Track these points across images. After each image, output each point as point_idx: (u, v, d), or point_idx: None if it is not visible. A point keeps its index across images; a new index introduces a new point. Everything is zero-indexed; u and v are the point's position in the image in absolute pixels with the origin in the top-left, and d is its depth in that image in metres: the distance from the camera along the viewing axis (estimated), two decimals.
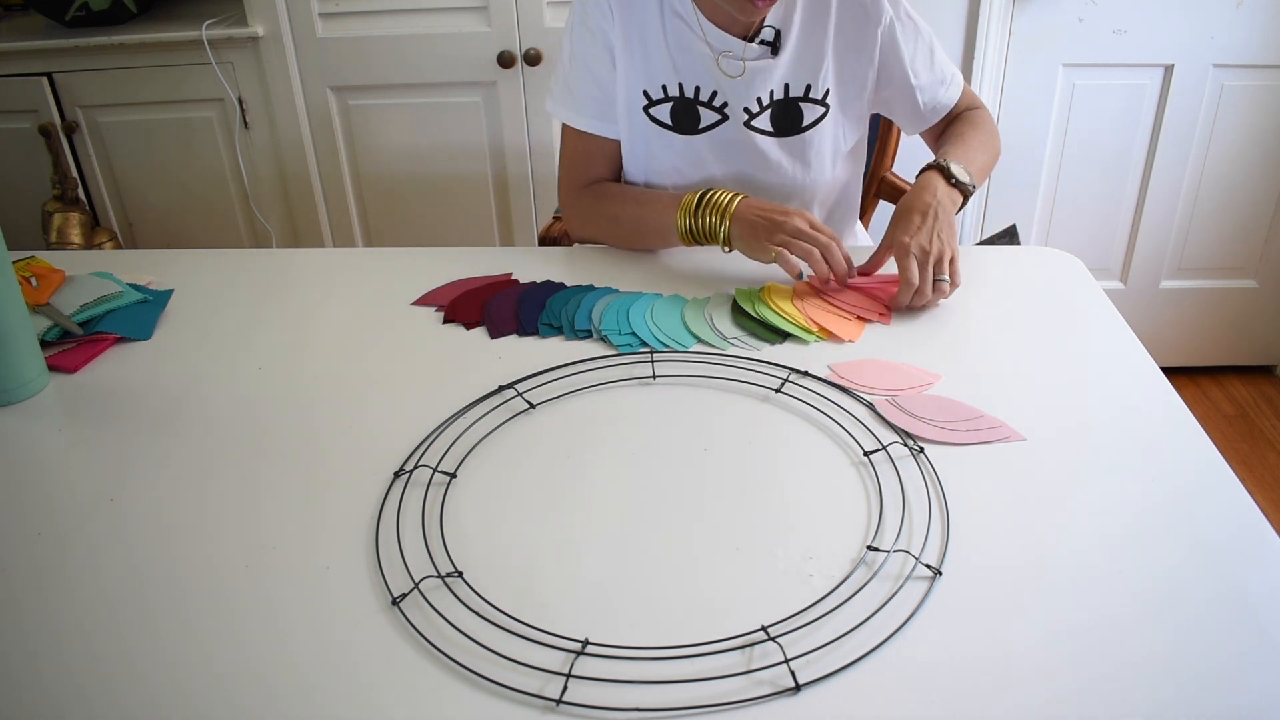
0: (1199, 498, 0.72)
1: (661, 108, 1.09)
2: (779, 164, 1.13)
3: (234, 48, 1.88)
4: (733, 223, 1.03)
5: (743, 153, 1.13)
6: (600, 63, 1.10)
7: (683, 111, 1.10)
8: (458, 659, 0.60)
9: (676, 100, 1.09)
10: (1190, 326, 2.14)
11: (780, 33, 1.08)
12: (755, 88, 1.09)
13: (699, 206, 1.05)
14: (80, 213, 1.96)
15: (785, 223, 1.00)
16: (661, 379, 0.90)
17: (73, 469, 0.81)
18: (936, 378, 0.88)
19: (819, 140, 1.13)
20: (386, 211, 2.05)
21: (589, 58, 1.11)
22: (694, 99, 1.09)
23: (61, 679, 0.60)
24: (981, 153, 1.10)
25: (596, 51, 1.10)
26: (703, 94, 1.10)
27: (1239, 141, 1.94)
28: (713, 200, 1.04)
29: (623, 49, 1.09)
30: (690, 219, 1.05)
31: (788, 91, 1.10)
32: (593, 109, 1.13)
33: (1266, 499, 1.83)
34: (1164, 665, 0.58)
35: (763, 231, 1.01)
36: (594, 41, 1.10)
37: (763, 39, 1.08)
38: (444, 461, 0.79)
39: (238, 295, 1.09)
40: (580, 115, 1.14)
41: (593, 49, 1.10)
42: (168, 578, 0.68)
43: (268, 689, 0.59)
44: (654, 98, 1.10)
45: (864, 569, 0.66)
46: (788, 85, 1.10)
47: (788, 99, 1.10)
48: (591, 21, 1.09)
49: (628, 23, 1.08)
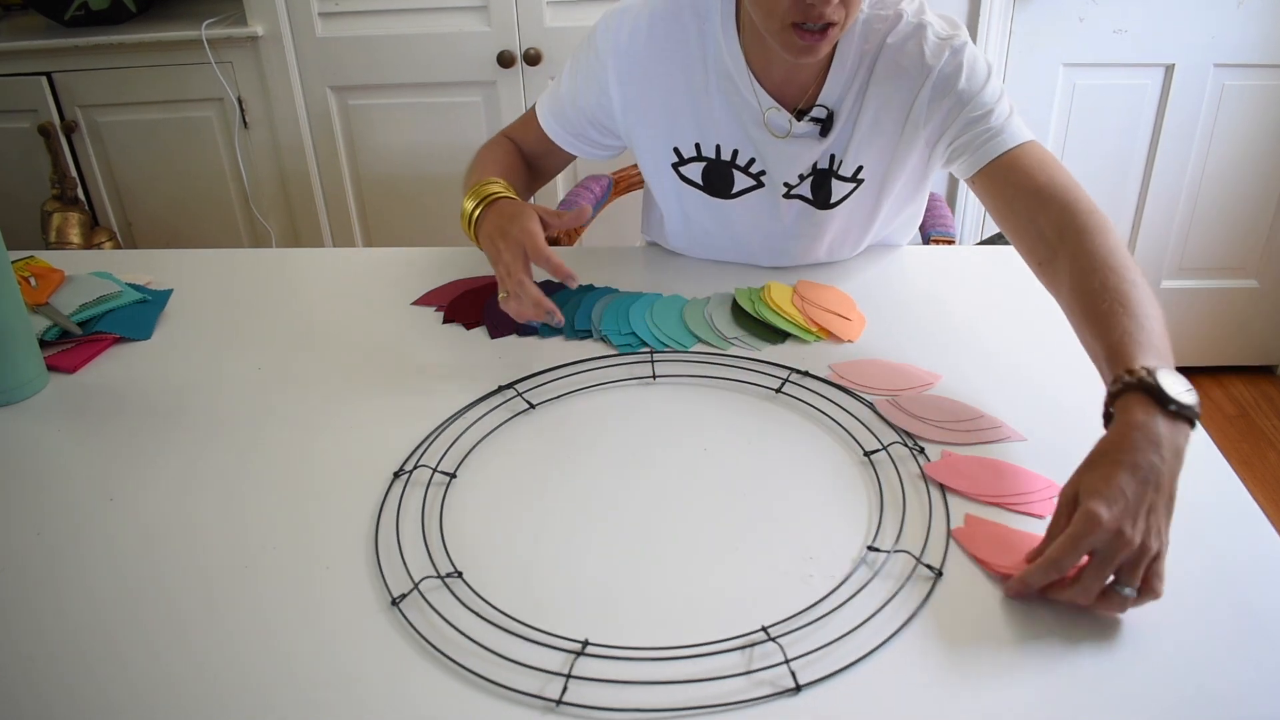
0: (1199, 498, 0.71)
1: (692, 167, 1.03)
2: (814, 232, 1.06)
3: (233, 47, 1.88)
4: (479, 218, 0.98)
5: (776, 221, 1.06)
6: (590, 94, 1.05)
7: (715, 174, 1.04)
8: (457, 659, 0.60)
9: (709, 161, 1.03)
10: (1191, 326, 2.14)
11: (833, 114, 0.99)
12: (800, 161, 1.01)
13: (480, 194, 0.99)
14: (79, 212, 1.96)
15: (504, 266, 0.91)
16: (661, 379, 0.89)
17: (72, 469, 0.81)
18: (936, 378, 0.88)
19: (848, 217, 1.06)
20: (386, 211, 2.05)
21: (583, 83, 1.06)
22: (730, 162, 1.03)
23: (61, 678, 0.60)
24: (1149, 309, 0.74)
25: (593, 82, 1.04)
26: (740, 158, 1.02)
27: (1239, 141, 1.93)
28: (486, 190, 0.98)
29: (648, 99, 1.02)
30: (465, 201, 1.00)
31: (831, 162, 1.02)
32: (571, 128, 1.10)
33: (1267, 499, 1.82)
34: (1165, 664, 0.58)
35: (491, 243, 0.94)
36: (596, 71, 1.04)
37: (814, 117, 0.99)
38: (444, 461, 0.79)
39: (237, 295, 1.09)
40: (557, 128, 1.10)
41: (591, 78, 1.05)
42: (167, 577, 0.68)
43: (268, 688, 0.58)
44: (685, 155, 1.03)
45: (864, 569, 0.66)
46: (832, 156, 1.01)
47: (830, 170, 1.02)
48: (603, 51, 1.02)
49: (662, 74, 1.01)
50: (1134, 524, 0.60)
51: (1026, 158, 0.90)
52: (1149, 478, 0.61)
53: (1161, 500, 0.61)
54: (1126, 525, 0.59)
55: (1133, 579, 0.60)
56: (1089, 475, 0.63)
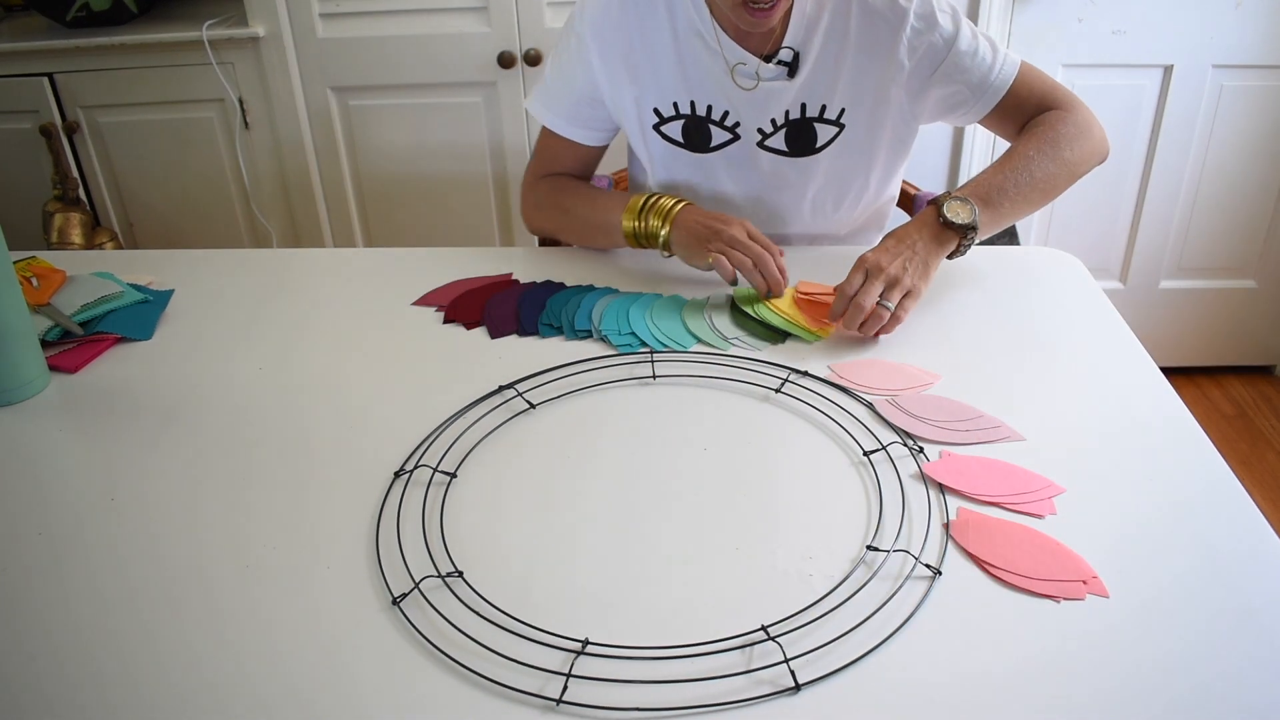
0: (1198, 498, 0.72)
1: (673, 125, 1.09)
2: (793, 184, 1.12)
3: (234, 48, 1.88)
4: (673, 228, 1.04)
5: (756, 172, 1.12)
6: (578, 73, 1.10)
7: (694, 129, 1.09)
8: (458, 659, 0.60)
9: (687, 118, 1.08)
10: (1189, 326, 2.14)
11: (799, 55, 1.05)
12: (769, 108, 1.08)
13: (643, 209, 1.05)
14: (81, 213, 1.96)
15: (723, 231, 1.00)
16: (661, 379, 0.90)
17: (73, 468, 0.81)
18: (936, 378, 0.88)
19: (836, 161, 1.11)
20: (386, 211, 2.05)
21: (570, 65, 1.11)
22: (705, 117, 1.08)
23: (61, 678, 0.60)
24: (1019, 172, 0.98)
25: (579, 62, 1.10)
26: (714, 112, 1.09)
27: (1238, 142, 1.94)
28: (657, 205, 1.05)
29: (627, 66, 1.08)
30: (635, 220, 1.06)
31: (803, 111, 1.07)
32: (565, 112, 1.14)
33: (1266, 499, 1.83)
34: (1164, 664, 0.58)
35: (701, 238, 1.01)
36: (579, 51, 1.09)
37: (780, 59, 1.05)
38: (444, 461, 0.79)
39: (238, 295, 1.10)
40: (554, 116, 1.15)
41: (576, 58, 1.10)
42: (168, 577, 0.68)
43: (268, 688, 0.59)
44: (665, 115, 1.09)
45: (864, 569, 0.66)
46: (803, 105, 1.07)
47: (803, 119, 1.08)
48: (581, 31, 1.08)
49: (635, 39, 1.07)
50: (891, 261, 0.92)
51: (1020, 88, 1.06)
52: (905, 242, 0.94)
53: (917, 259, 0.93)
54: (884, 260, 0.92)
55: (890, 298, 0.90)
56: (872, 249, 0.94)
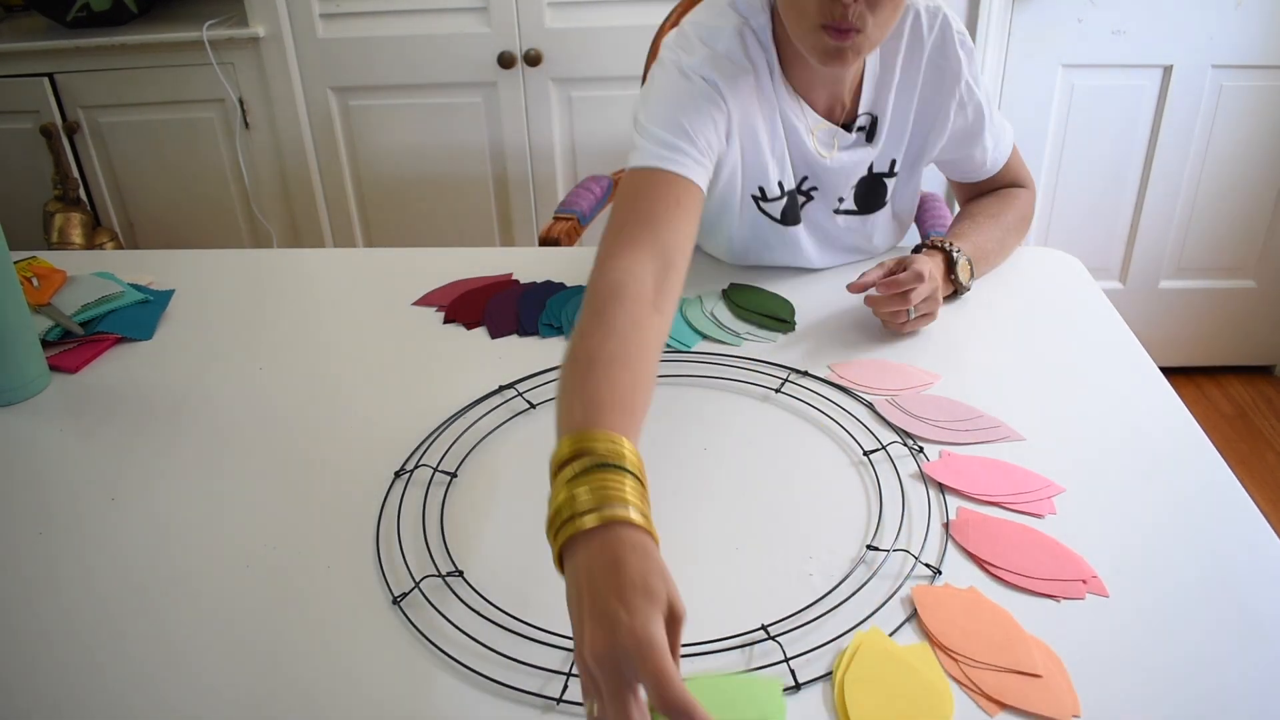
0: (1198, 498, 0.72)
1: (775, 204, 1.03)
2: (859, 238, 1.10)
3: (235, 48, 1.88)
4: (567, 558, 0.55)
5: (831, 234, 1.08)
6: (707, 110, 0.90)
7: (790, 207, 1.04)
8: (458, 658, 0.60)
9: (789, 196, 1.03)
10: (1189, 326, 2.14)
11: (877, 119, 1.02)
12: (852, 175, 1.04)
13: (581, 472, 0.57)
14: (81, 213, 1.96)
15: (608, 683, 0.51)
16: (662, 379, 0.90)
17: (74, 468, 0.81)
18: (936, 378, 0.88)
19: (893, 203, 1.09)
20: (386, 211, 2.05)
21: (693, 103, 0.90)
22: (796, 189, 1.03)
23: (61, 677, 0.60)
24: (997, 242, 1.05)
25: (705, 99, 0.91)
26: (805, 184, 1.04)
27: (1238, 142, 1.94)
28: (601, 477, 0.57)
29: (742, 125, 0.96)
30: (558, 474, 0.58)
31: (871, 169, 1.04)
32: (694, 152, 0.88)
33: (1265, 499, 1.83)
34: (1163, 664, 0.58)
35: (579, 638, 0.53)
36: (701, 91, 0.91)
37: (859, 126, 1.01)
38: (444, 461, 0.79)
39: (238, 295, 1.10)
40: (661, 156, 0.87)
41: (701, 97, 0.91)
42: (168, 577, 0.68)
43: (269, 687, 0.59)
44: (770, 195, 1.02)
45: (864, 568, 0.67)
46: (872, 164, 1.04)
47: (872, 176, 1.05)
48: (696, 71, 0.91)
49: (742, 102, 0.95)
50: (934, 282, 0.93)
51: (1005, 171, 1.10)
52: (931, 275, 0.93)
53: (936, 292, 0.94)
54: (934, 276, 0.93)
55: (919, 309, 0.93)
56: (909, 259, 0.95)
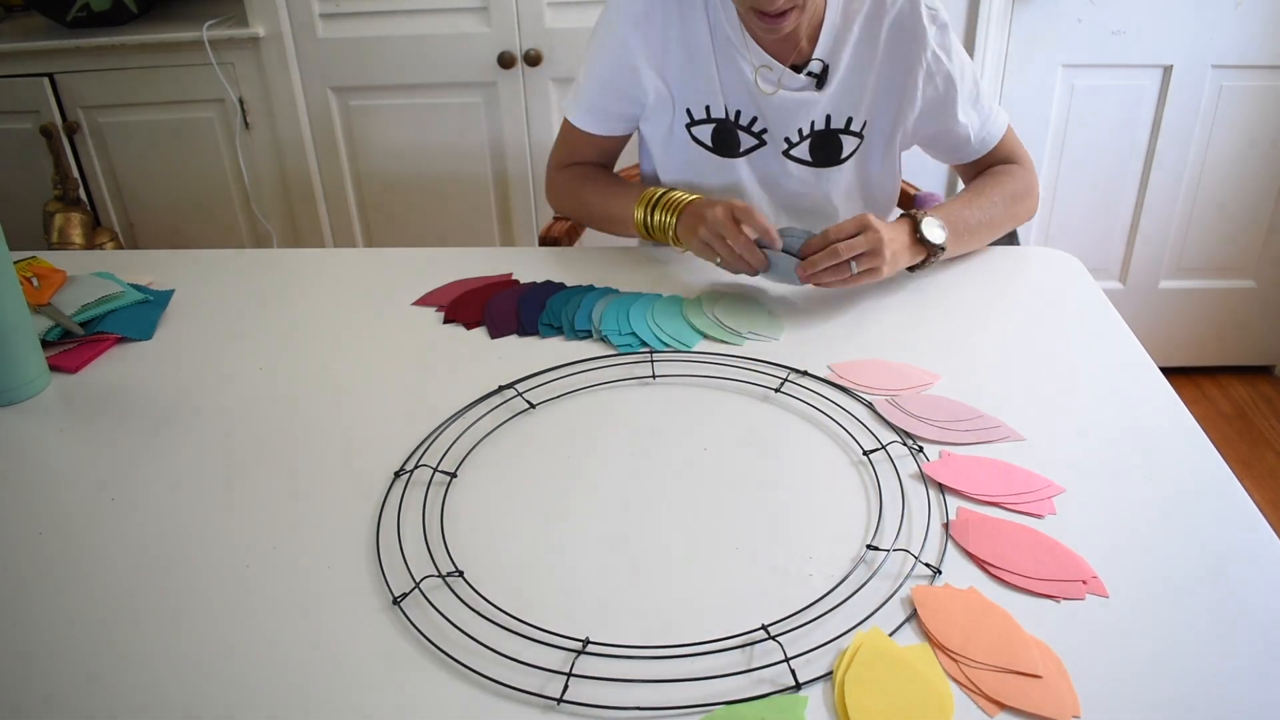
0: (1198, 498, 0.72)
1: (703, 128, 1.08)
2: (815, 193, 1.12)
3: (235, 48, 1.88)
4: (679, 220, 1.03)
5: (780, 180, 1.12)
6: (611, 62, 1.10)
7: (723, 133, 1.09)
8: (459, 658, 0.60)
9: (719, 122, 1.08)
10: (1189, 326, 2.14)
11: (829, 67, 1.05)
12: (797, 118, 1.08)
13: (654, 203, 1.05)
14: (81, 213, 1.96)
15: (706, 215, 0.98)
16: (661, 379, 0.90)
17: (74, 469, 0.81)
18: (936, 378, 0.88)
19: (855, 170, 1.12)
20: (386, 211, 2.05)
21: (602, 55, 1.10)
22: (734, 122, 1.08)
23: (61, 677, 0.60)
24: (982, 212, 1.06)
25: (611, 51, 1.09)
26: (743, 118, 1.08)
27: (1238, 142, 1.94)
28: (669, 199, 1.05)
29: (664, 62, 1.07)
30: (646, 213, 1.06)
31: (829, 123, 1.08)
32: (587, 104, 1.14)
33: (1265, 499, 1.83)
34: (1163, 663, 0.58)
35: (692, 229, 1.01)
36: (613, 41, 1.08)
37: (810, 71, 1.06)
38: (444, 461, 0.79)
39: (238, 295, 1.10)
40: (577, 109, 1.15)
41: (608, 48, 1.09)
42: (168, 577, 0.68)
43: (269, 687, 0.59)
44: (696, 117, 1.09)
45: (864, 568, 0.67)
46: (829, 116, 1.07)
47: (828, 130, 1.08)
48: (616, 21, 1.07)
49: (673, 37, 1.06)
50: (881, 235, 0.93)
51: (999, 148, 1.12)
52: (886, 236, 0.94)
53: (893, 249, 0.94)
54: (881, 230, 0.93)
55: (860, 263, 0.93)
56: None
